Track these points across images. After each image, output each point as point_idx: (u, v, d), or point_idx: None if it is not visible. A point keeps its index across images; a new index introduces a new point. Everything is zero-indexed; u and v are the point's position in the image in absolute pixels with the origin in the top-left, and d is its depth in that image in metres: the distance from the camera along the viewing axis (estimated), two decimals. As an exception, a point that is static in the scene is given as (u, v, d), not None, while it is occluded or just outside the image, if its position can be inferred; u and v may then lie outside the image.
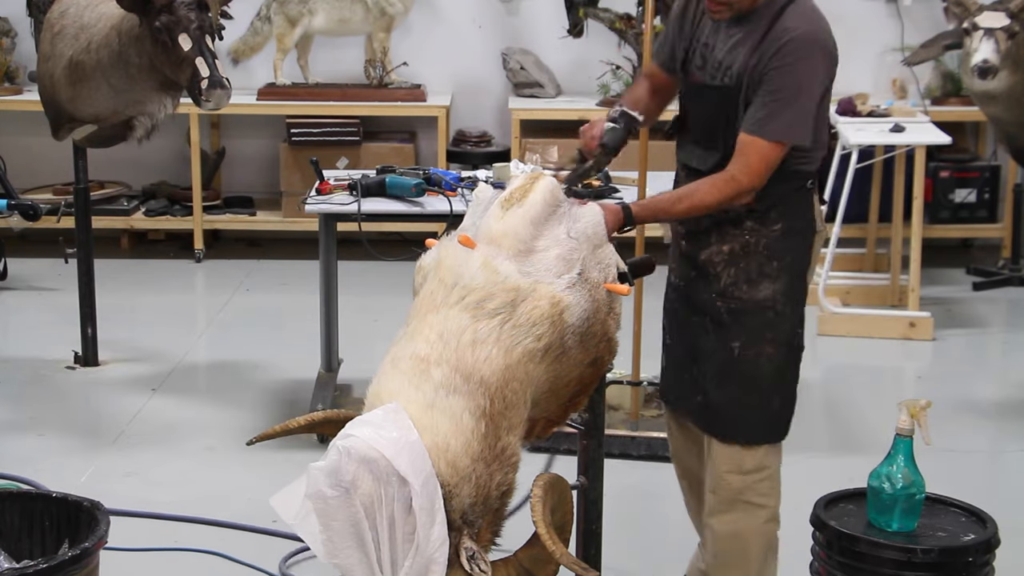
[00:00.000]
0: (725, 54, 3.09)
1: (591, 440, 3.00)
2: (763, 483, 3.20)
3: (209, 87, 4.14)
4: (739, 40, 3.06)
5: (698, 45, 3.16)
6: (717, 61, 3.11)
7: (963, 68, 5.60)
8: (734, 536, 3.20)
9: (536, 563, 2.63)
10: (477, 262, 2.67)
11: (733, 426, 3.16)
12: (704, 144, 3.15)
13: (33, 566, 2.72)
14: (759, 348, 3.15)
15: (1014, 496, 4.24)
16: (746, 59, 3.04)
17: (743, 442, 3.17)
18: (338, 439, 2.49)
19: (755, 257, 3.13)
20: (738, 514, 3.19)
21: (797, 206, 3.16)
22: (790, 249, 3.15)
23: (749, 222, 3.11)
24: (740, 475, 3.17)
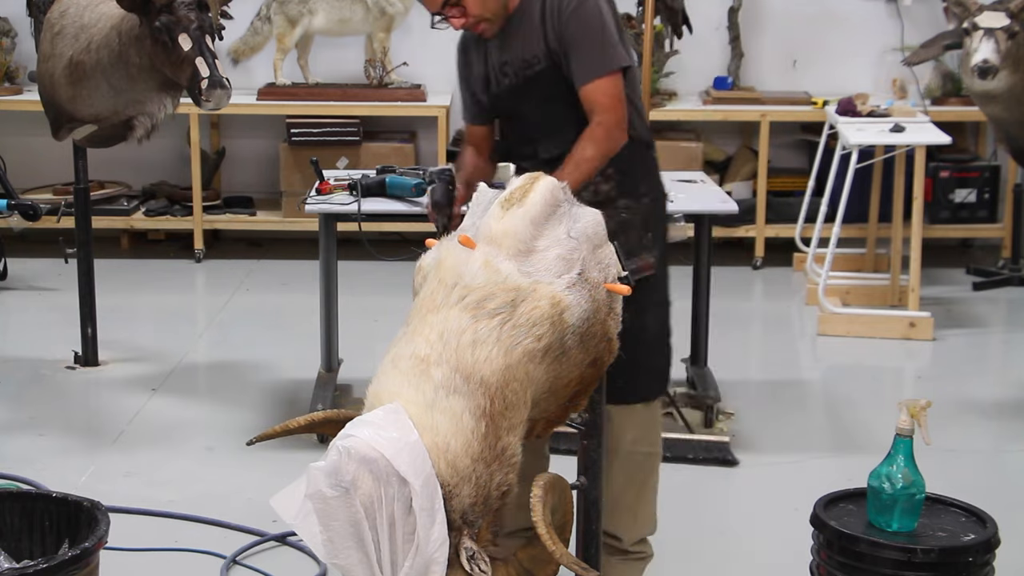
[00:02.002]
0: (521, 52, 3.33)
1: (591, 440, 3.00)
2: (652, 432, 3.50)
3: (209, 87, 4.14)
4: (523, 33, 3.32)
5: (495, 71, 3.40)
6: (520, 61, 3.34)
7: (963, 68, 5.60)
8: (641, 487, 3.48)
9: (536, 563, 2.63)
10: (478, 262, 2.67)
11: (632, 389, 3.36)
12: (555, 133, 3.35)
13: (33, 566, 2.72)
14: (644, 314, 3.32)
15: (1014, 496, 4.24)
16: (541, 38, 3.29)
17: (641, 400, 3.42)
18: (338, 439, 2.49)
19: (633, 232, 3.33)
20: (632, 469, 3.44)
21: (655, 176, 3.46)
22: (659, 218, 3.45)
23: (623, 200, 3.33)
24: (635, 431, 3.43)
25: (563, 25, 3.28)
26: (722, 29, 7.24)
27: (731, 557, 3.88)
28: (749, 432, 4.75)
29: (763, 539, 3.99)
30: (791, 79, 7.30)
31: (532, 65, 3.34)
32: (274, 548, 3.86)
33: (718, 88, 7.14)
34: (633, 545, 3.50)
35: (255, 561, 3.78)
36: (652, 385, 3.50)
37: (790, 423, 4.91)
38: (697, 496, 4.28)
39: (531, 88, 3.36)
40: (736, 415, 4.88)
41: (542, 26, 3.30)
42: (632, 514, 3.49)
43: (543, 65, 3.33)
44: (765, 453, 4.59)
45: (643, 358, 3.36)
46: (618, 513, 3.47)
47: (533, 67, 3.34)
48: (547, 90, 3.35)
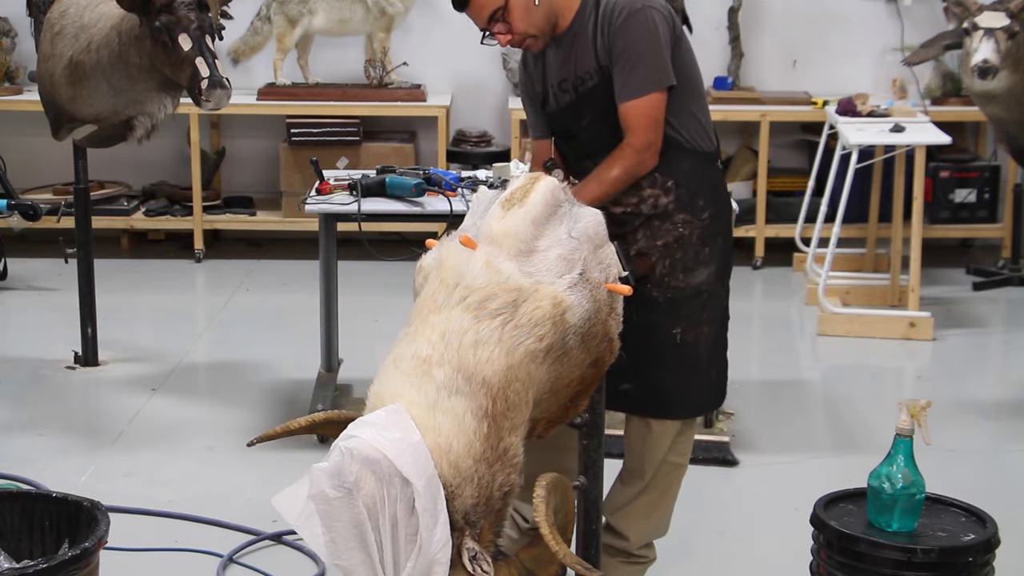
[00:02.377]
0: (573, 69, 3.29)
1: (591, 440, 3.01)
2: (684, 444, 3.45)
3: (209, 87, 4.14)
4: (578, 49, 3.27)
5: (553, 89, 3.36)
6: (575, 78, 3.30)
7: (963, 68, 5.60)
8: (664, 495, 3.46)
9: (538, 563, 2.63)
10: (479, 262, 2.67)
11: (677, 404, 3.34)
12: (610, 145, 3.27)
13: (33, 566, 2.72)
14: (698, 329, 3.31)
15: (1014, 496, 4.24)
16: (593, 53, 3.24)
17: (686, 416, 3.38)
18: (340, 440, 2.49)
19: (690, 247, 3.29)
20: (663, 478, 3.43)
21: (718, 190, 3.38)
22: (719, 232, 3.35)
23: (681, 215, 3.27)
24: (672, 443, 3.39)
25: (612, 38, 3.21)
26: (722, 29, 7.24)
27: (731, 557, 3.88)
28: (749, 432, 4.75)
29: (763, 539, 3.99)
30: (791, 79, 7.30)
31: (586, 82, 3.27)
32: (272, 548, 3.86)
33: (718, 88, 7.14)
34: (639, 548, 3.48)
35: (253, 560, 3.78)
36: (699, 402, 3.44)
37: (790, 423, 4.91)
38: (697, 496, 4.27)
39: (585, 105, 3.30)
40: (736, 415, 4.88)
41: (594, 41, 3.24)
42: (646, 517, 3.46)
43: (595, 81, 3.26)
44: (765, 453, 4.59)
45: (694, 375, 3.33)
46: (631, 514, 3.45)
47: (587, 83, 3.27)
48: (601, 107, 3.27)
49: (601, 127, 3.29)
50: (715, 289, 3.34)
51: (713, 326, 3.35)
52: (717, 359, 3.41)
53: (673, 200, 3.27)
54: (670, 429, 3.37)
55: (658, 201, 3.27)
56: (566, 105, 3.33)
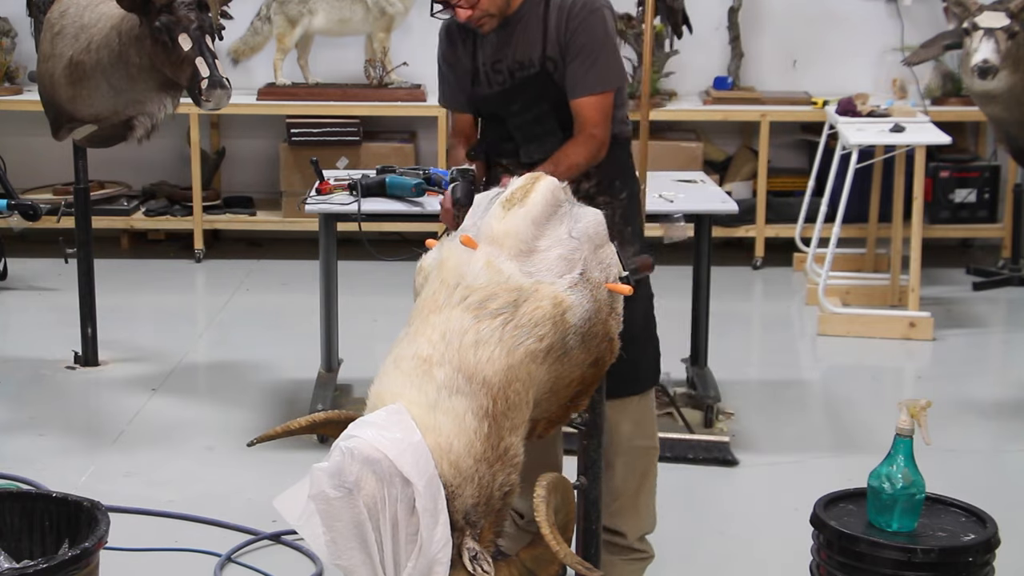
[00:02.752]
0: (513, 54, 3.36)
1: (591, 440, 3.01)
2: (647, 425, 3.52)
3: (209, 87, 4.14)
4: (521, 35, 3.34)
5: (485, 69, 3.42)
6: (512, 63, 3.37)
7: (963, 68, 5.60)
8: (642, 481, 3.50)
9: (539, 563, 2.63)
10: (480, 262, 2.67)
11: (625, 382, 3.36)
12: (539, 137, 3.39)
13: (33, 566, 2.72)
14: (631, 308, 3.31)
15: (1014, 496, 4.25)
16: (540, 42, 3.32)
17: (638, 391, 3.45)
18: (341, 440, 2.49)
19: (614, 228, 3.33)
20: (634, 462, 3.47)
21: (631, 172, 3.51)
22: (635, 211, 3.49)
23: (601, 197, 3.33)
24: (630, 425, 3.45)
25: (570, 33, 3.30)
26: (722, 29, 7.24)
27: (731, 557, 3.88)
28: (749, 432, 4.75)
29: (763, 539, 3.99)
30: (791, 79, 7.30)
31: (525, 68, 3.36)
32: (271, 547, 3.86)
33: (718, 88, 7.14)
34: (636, 542, 3.50)
35: (252, 560, 3.78)
36: (644, 377, 3.52)
37: (790, 423, 4.91)
38: (697, 496, 4.28)
39: (520, 91, 3.38)
40: (736, 415, 4.88)
41: (543, 31, 3.32)
42: (634, 508, 3.50)
43: (536, 69, 3.35)
44: (765, 453, 4.59)
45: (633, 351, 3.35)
46: (620, 510, 3.48)
47: (526, 71, 3.36)
48: (536, 95, 3.37)
49: (530, 115, 3.38)
50: None
51: (643, 302, 3.45)
52: (651, 335, 3.53)
53: (594, 184, 3.37)
54: (624, 409, 3.43)
55: (579, 186, 3.35)
56: (499, 88, 3.40)
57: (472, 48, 3.44)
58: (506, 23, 3.37)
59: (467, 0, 3.30)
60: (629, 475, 3.48)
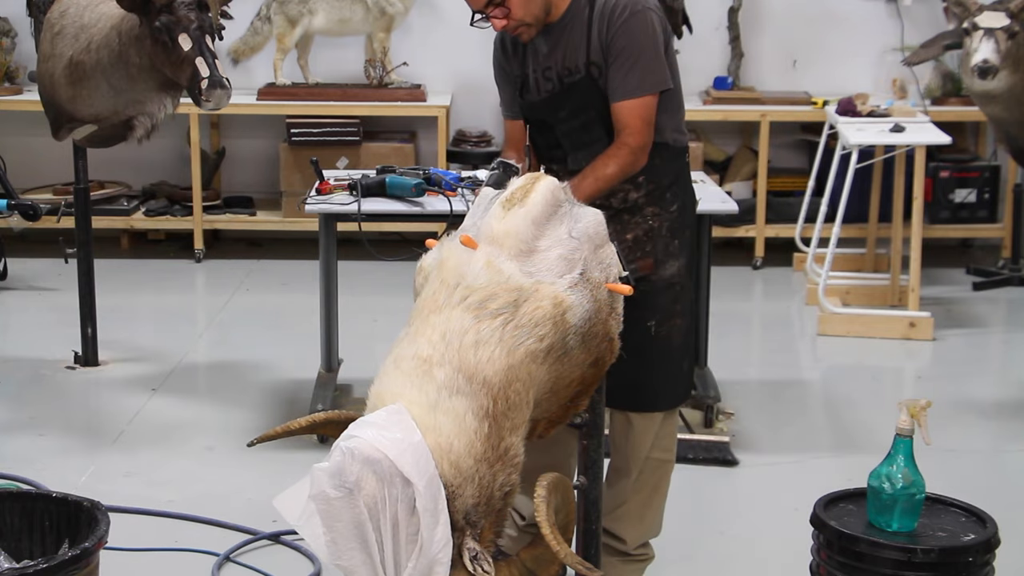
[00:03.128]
0: (561, 60, 3.32)
1: (591, 440, 3.01)
2: (668, 439, 3.48)
3: (209, 87, 4.14)
4: (568, 41, 3.30)
5: (531, 75, 3.39)
6: (561, 69, 3.33)
7: (963, 68, 5.60)
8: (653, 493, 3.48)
9: (539, 563, 2.63)
10: (480, 262, 2.67)
11: (655, 397, 3.38)
12: (586, 144, 3.35)
13: (33, 566, 2.72)
14: (671, 322, 3.37)
15: (1014, 496, 4.25)
16: (584, 47, 3.28)
17: (665, 408, 3.42)
18: (341, 440, 2.49)
19: (660, 240, 3.35)
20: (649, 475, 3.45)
21: (686, 183, 3.46)
22: (687, 225, 3.43)
23: (650, 208, 3.33)
24: (654, 438, 3.42)
25: (611, 35, 3.26)
26: (722, 29, 7.24)
27: (731, 557, 3.88)
28: (749, 432, 4.75)
29: (763, 539, 3.99)
30: (791, 79, 7.30)
31: (572, 74, 3.32)
32: (269, 547, 3.86)
33: (718, 88, 7.14)
34: (636, 548, 3.50)
35: (251, 560, 3.78)
36: (675, 393, 3.48)
37: (790, 423, 4.91)
38: (697, 496, 4.28)
39: (566, 98, 3.34)
40: (736, 415, 4.88)
41: (587, 35, 3.28)
42: (639, 518, 3.49)
43: (581, 75, 3.31)
44: (765, 453, 4.59)
45: (669, 367, 3.39)
46: (625, 516, 3.47)
47: (573, 76, 3.32)
48: (582, 101, 3.33)
49: (577, 121, 3.35)
50: (685, 281, 3.40)
51: (685, 318, 3.41)
52: (688, 351, 3.48)
53: (643, 195, 3.34)
54: (651, 423, 3.41)
55: (628, 196, 3.35)
56: (547, 95, 3.37)
57: (523, 56, 3.40)
58: (550, 29, 3.32)
59: (500, 11, 3.26)
60: (643, 485, 3.47)
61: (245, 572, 3.72)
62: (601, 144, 3.33)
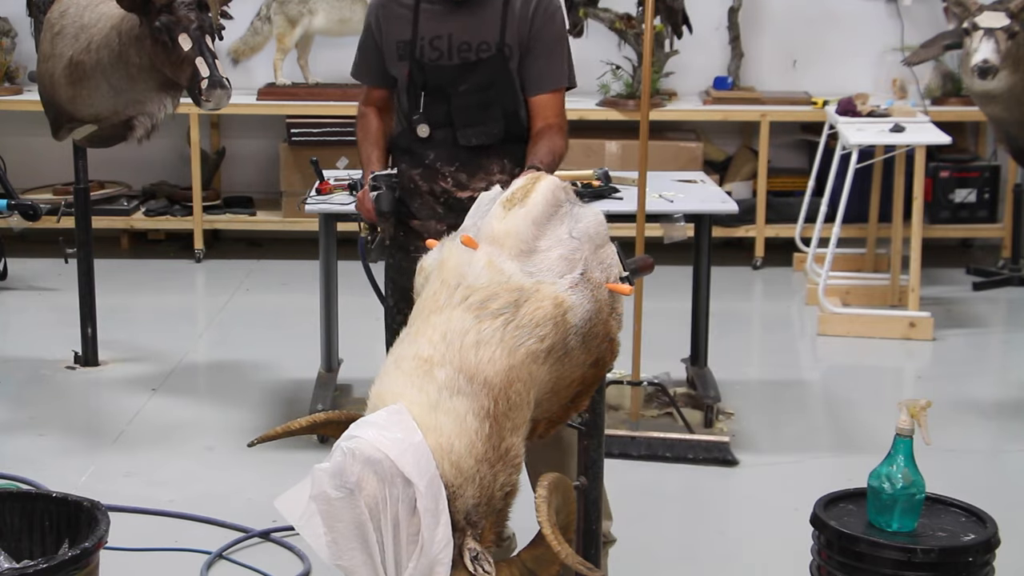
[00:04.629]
0: (471, 33, 3.37)
1: (591, 440, 3.00)
2: None
3: (209, 87, 4.14)
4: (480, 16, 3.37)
5: (424, 41, 3.41)
6: (463, 43, 3.38)
7: (963, 68, 5.60)
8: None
9: (540, 563, 2.63)
10: (481, 262, 2.67)
11: None
12: (479, 120, 3.40)
13: (33, 566, 2.72)
14: None
15: (1014, 496, 4.25)
16: (498, 27, 3.35)
17: None
18: (342, 440, 2.49)
19: None
20: None
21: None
22: None
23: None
24: None
25: (538, 25, 3.37)
26: (722, 29, 7.25)
27: (731, 557, 3.88)
28: (749, 432, 4.75)
29: (763, 539, 3.99)
30: (791, 79, 7.30)
31: (479, 51, 3.38)
32: (260, 545, 3.86)
33: (718, 88, 7.14)
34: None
35: (244, 558, 3.78)
36: None
37: (790, 423, 4.91)
38: (697, 496, 4.28)
39: (471, 73, 3.39)
40: (736, 415, 4.88)
41: (503, 16, 3.35)
42: None
43: (491, 53, 3.37)
44: (765, 453, 4.59)
45: None
46: None
47: (479, 53, 3.38)
48: (488, 78, 3.39)
49: (476, 97, 3.39)
50: None
51: None
52: None
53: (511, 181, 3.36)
54: None
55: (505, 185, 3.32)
56: (446, 66, 3.40)
57: (413, 19, 3.42)
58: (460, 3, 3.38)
59: None
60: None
61: (238, 570, 3.72)
62: (495, 124, 3.40)
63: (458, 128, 3.43)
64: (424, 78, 3.43)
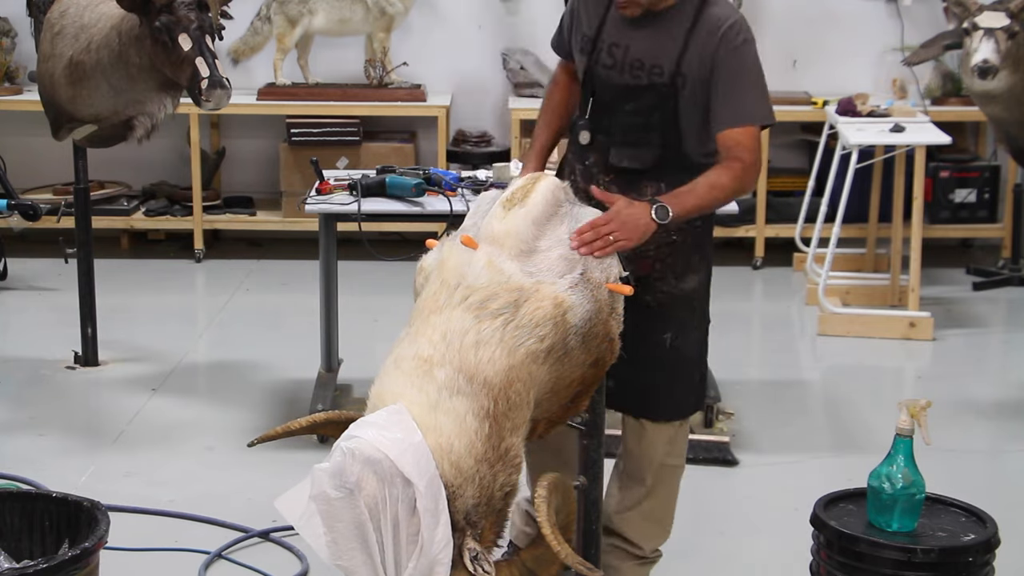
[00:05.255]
0: (646, 52, 3.19)
1: (591, 440, 3.01)
2: (680, 446, 3.46)
3: (209, 87, 4.14)
4: (660, 37, 3.17)
5: (604, 44, 3.25)
6: (636, 60, 3.20)
7: (963, 68, 5.60)
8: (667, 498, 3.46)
9: (540, 563, 2.64)
10: (481, 262, 2.67)
11: (669, 407, 3.36)
12: (634, 143, 3.24)
13: (33, 566, 2.73)
14: (687, 335, 3.33)
15: (1014, 496, 4.25)
16: (678, 53, 3.15)
17: (678, 418, 3.39)
18: (342, 440, 2.49)
19: (682, 254, 3.28)
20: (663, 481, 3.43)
21: None
22: (708, 240, 3.37)
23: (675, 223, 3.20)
24: (667, 445, 3.40)
25: (721, 57, 3.13)
26: (722, 29, 7.24)
27: (731, 557, 3.88)
28: (749, 432, 4.75)
29: (763, 539, 3.99)
30: (791, 79, 7.29)
31: (651, 72, 3.19)
32: (259, 545, 3.86)
33: (718, 88, 7.13)
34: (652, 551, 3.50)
35: (243, 558, 3.78)
36: (688, 403, 3.44)
37: (790, 423, 4.91)
38: (697, 496, 4.28)
39: (638, 95, 3.22)
40: (736, 415, 4.88)
41: (684, 41, 3.15)
42: (657, 522, 3.47)
43: (665, 80, 3.17)
44: (765, 453, 4.59)
45: (683, 378, 3.37)
46: (642, 521, 3.45)
47: (649, 76, 3.19)
48: (655, 103, 3.20)
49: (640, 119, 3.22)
50: (703, 295, 3.36)
51: (700, 331, 3.39)
52: (702, 361, 3.45)
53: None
54: (663, 432, 3.38)
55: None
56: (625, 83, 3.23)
57: (602, 18, 3.26)
58: (649, 17, 3.19)
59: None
60: (657, 491, 3.44)
61: (236, 570, 3.72)
62: (651, 151, 3.22)
63: (614, 144, 3.27)
64: (594, 85, 3.29)
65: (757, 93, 3.19)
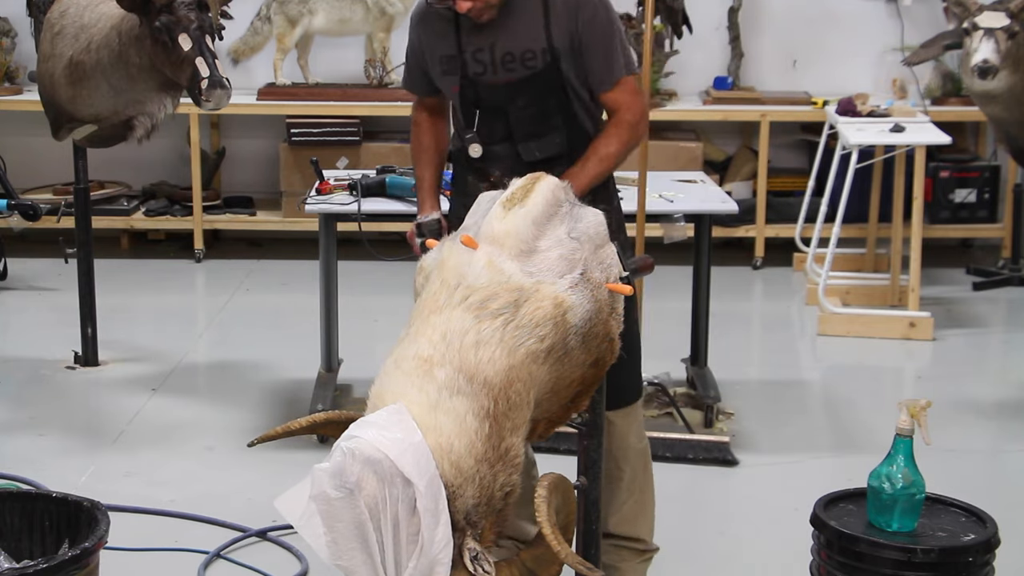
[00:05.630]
0: (512, 43, 3.25)
1: (591, 440, 3.01)
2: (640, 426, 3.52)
3: (209, 87, 4.14)
4: (520, 25, 3.23)
5: (468, 55, 3.29)
6: (506, 54, 3.26)
7: (963, 68, 5.60)
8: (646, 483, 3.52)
9: (540, 563, 2.63)
10: (481, 262, 2.67)
11: (629, 391, 3.41)
12: (538, 134, 3.31)
13: (33, 566, 2.72)
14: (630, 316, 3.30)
15: (1014, 496, 4.25)
16: (543, 32, 3.22)
17: (637, 399, 3.49)
18: (342, 440, 2.49)
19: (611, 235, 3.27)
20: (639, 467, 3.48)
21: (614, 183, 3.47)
22: (622, 218, 3.46)
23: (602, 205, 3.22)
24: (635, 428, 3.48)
25: (584, 19, 3.22)
26: (722, 29, 7.24)
27: (731, 557, 3.88)
28: (749, 432, 4.75)
29: (763, 539, 3.99)
30: (791, 79, 7.30)
31: (524, 61, 3.25)
32: (258, 544, 3.86)
33: (718, 88, 7.14)
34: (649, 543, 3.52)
35: (242, 557, 3.78)
36: (640, 378, 3.55)
37: (790, 423, 4.91)
38: (697, 496, 4.28)
39: (525, 86, 3.28)
40: (736, 415, 4.88)
41: (545, 23, 3.23)
42: (644, 510, 3.51)
43: (542, 63, 3.25)
44: (765, 453, 4.59)
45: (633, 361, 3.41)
46: (633, 515, 3.47)
47: (526, 63, 3.25)
48: (544, 88, 3.28)
49: (535, 109, 3.29)
50: None
51: (635, 310, 3.44)
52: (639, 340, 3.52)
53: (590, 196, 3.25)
54: (629, 417, 3.44)
55: None
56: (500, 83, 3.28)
57: (455, 33, 3.29)
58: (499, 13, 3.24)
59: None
60: (633, 479, 3.48)
61: (236, 570, 3.72)
62: (558, 134, 3.30)
63: (519, 142, 3.32)
64: (477, 95, 3.32)
65: (620, 47, 3.28)
